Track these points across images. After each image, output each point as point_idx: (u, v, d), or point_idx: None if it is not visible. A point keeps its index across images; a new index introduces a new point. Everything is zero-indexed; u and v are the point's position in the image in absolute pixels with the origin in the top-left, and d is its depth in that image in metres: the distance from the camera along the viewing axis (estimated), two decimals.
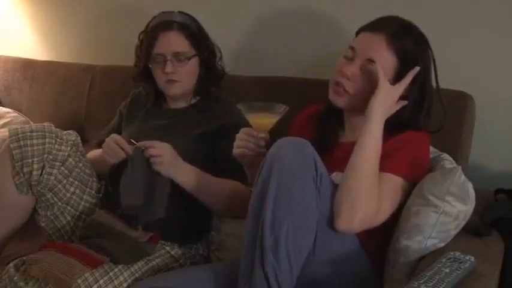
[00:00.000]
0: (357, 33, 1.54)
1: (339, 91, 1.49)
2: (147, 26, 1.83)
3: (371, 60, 1.45)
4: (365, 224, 1.35)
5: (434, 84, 1.53)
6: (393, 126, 1.47)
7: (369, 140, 1.39)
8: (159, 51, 1.76)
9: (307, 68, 2.04)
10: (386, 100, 1.43)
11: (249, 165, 1.53)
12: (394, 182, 1.41)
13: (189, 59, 1.77)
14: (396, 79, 1.46)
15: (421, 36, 1.51)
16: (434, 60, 1.51)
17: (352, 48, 1.49)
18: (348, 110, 1.54)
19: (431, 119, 1.52)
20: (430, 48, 1.51)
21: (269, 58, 2.13)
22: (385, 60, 1.45)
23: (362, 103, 1.45)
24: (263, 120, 1.47)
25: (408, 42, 1.47)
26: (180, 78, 1.77)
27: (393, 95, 1.44)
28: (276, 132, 1.47)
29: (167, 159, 1.61)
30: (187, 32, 1.78)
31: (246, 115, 1.48)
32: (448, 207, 1.37)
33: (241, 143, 1.47)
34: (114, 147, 1.65)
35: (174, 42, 1.76)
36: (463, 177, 1.38)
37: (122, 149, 1.64)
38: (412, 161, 1.44)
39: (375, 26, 1.49)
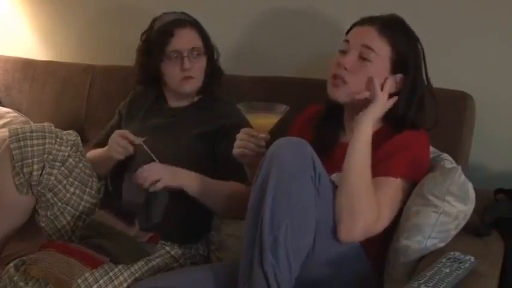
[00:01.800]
0: (348, 31, 1.55)
1: (337, 83, 1.48)
2: (151, 27, 1.82)
3: (367, 47, 1.46)
4: (367, 232, 1.36)
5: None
6: (390, 124, 1.49)
7: (359, 149, 1.39)
8: (175, 48, 1.75)
9: (307, 68, 2.04)
10: (379, 112, 1.46)
11: (249, 165, 1.53)
12: (394, 185, 1.41)
13: (204, 54, 1.78)
14: (392, 72, 1.48)
15: (411, 31, 1.52)
16: (424, 55, 1.52)
17: (346, 41, 1.51)
18: (348, 106, 1.54)
19: (426, 115, 1.52)
20: (420, 43, 1.52)
21: (269, 58, 2.13)
22: (380, 49, 1.46)
23: (358, 97, 1.47)
24: (263, 121, 1.47)
25: (399, 34, 1.49)
26: (195, 75, 1.78)
27: (385, 107, 1.47)
28: (277, 132, 1.47)
29: (162, 184, 1.60)
30: (199, 28, 1.80)
31: (246, 115, 1.48)
32: (448, 207, 1.37)
33: (241, 143, 1.47)
34: (123, 142, 1.65)
35: (190, 38, 1.77)
36: (463, 177, 1.38)
37: (129, 141, 1.65)
38: (412, 162, 1.44)
39: (365, 20, 1.52)
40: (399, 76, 1.49)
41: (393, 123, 1.50)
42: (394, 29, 1.49)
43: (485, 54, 1.81)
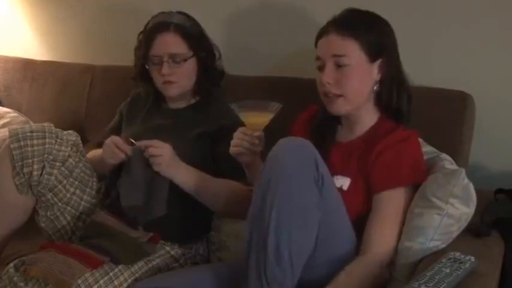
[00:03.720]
0: (315, 45, 1.55)
1: (332, 99, 1.50)
2: (145, 27, 1.83)
3: (337, 56, 1.46)
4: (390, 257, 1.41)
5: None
6: (382, 115, 1.52)
7: None
8: (155, 53, 1.76)
9: (308, 68, 2.03)
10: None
11: (246, 164, 1.54)
12: (401, 195, 1.43)
13: (185, 60, 1.77)
14: (371, 60, 1.48)
15: (366, 15, 1.52)
16: (392, 31, 1.53)
17: (318, 58, 1.51)
18: (351, 113, 1.54)
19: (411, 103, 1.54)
20: (382, 20, 1.52)
21: (269, 58, 2.13)
22: (349, 49, 1.46)
23: (359, 99, 1.49)
24: (256, 119, 1.47)
25: (358, 24, 1.48)
26: (176, 79, 1.77)
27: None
28: (272, 130, 1.47)
29: (166, 160, 1.60)
30: (184, 33, 1.78)
31: (238, 115, 1.49)
32: (452, 209, 1.37)
33: (237, 142, 1.48)
34: (114, 150, 1.65)
35: (171, 43, 1.76)
36: (466, 179, 1.39)
37: (121, 150, 1.64)
38: (411, 167, 1.46)
39: (323, 31, 1.52)
40: (379, 61, 1.49)
41: (383, 112, 1.53)
42: (351, 23, 1.49)
43: (485, 54, 1.81)
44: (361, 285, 1.35)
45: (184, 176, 1.64)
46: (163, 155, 1.60)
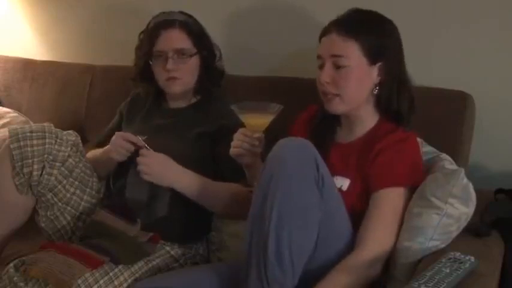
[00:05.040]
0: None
1: (329, 98, 1.50)
2: (147, 26, 1.83)
3: (336, 56, 1.46)
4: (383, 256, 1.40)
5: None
6: (383, 116, 1.52)
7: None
8: (160, 48, 1.76)
9: (308, 68, 2.03)
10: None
11: (246, 165, 1.54)
12: (399, 195, 1.43)
13: (191, 56, 1.77)
14: (372, 63, 1.47)
15: (370, 16, 1.51)
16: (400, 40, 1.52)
17: (318, 56, 1.51)
18: (348, 114, 1.54)
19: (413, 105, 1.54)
20: (387, 21, 1.51)
21: (269, 58, 2.13)
22: (348, 51, 1.46)
23: (356, 101, 1.49)
24: (257, 121, 1.47)
25: (360, 25, 1.47)
26: (181, 76, 1.78)
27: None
28: (273, 131, 1.47)
29: (152, 171, 1.62)
30: (189, 30, 1.79)
31: (239, 116, 1.49)
32: (451, 209, 1.37)
33: (237, 143, 1.48)
34: (125, 144, 1.66)
35: (176, 39, 1.77)
36: (465, 179, 1.39)
37: (132, 143, 1.66)
38: (410, 168, 1.46)
39: (326, 30, 1.51)
40: (379, 64, 1.48)
41: (383, 113, 1.53)
42: (352, 23, 1.48)
43: (485, 54, 1.81)
44: (349, 283, 1.34)
45: (186, 182, 1.64)
46: (149, 166, 1.62)
